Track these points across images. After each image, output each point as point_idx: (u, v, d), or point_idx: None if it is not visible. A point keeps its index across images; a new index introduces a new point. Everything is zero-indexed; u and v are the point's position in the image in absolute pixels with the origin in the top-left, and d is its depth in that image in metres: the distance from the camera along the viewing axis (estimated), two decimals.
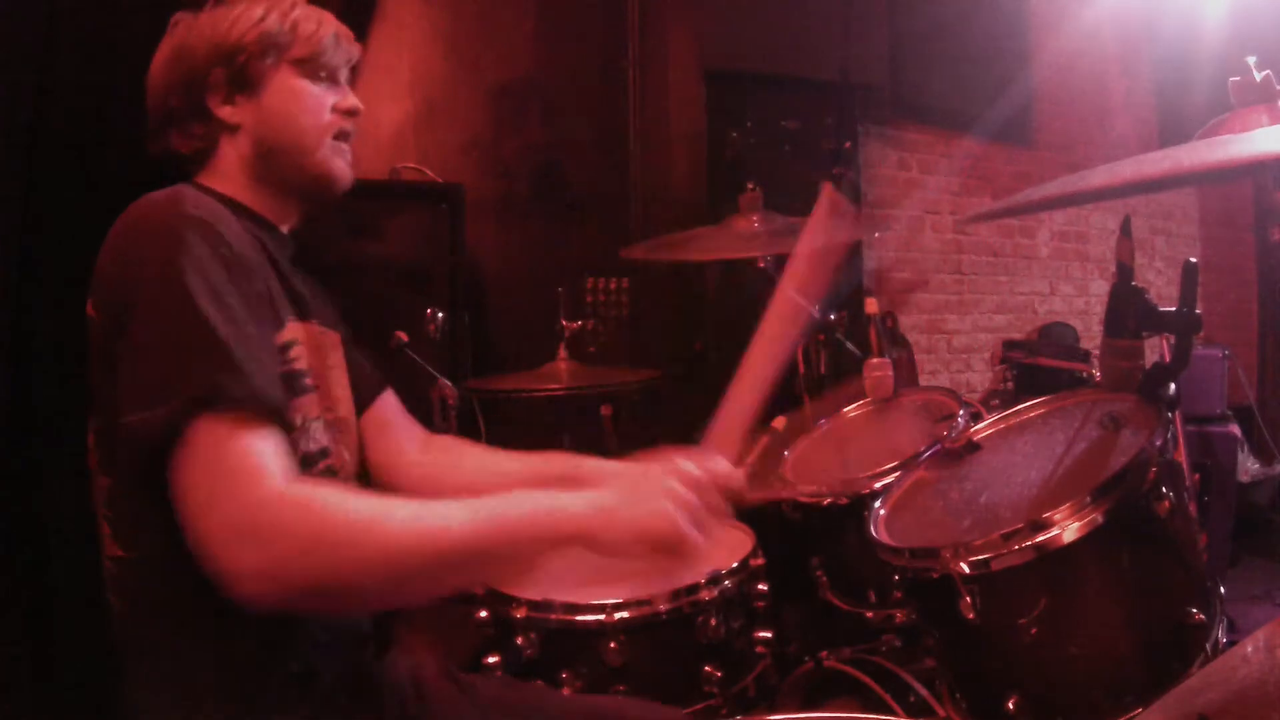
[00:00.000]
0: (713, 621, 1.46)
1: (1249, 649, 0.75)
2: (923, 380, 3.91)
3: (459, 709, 1.20)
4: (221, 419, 0.90)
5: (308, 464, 1.12)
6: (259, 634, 1.05)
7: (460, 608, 1.58)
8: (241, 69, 1.18)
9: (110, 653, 1.11)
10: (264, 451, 0.91)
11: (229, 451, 0.89)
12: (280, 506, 0.88)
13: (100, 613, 1.12)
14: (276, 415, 0.95)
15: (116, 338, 0.97)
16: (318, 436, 1.17)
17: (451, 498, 0.96)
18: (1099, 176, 1.07)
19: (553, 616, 1.45)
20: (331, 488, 0.96)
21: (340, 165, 1.24)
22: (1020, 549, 1.19)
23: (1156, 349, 1.83)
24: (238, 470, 0.88)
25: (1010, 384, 3.81)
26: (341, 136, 1.24)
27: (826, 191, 1.33)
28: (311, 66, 1.22)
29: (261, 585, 0.86)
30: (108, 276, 1.02)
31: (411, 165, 2.84)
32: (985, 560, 1.21)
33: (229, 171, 1.20)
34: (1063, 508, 1.19)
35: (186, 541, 0.90)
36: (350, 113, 1.24)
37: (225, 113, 1.19)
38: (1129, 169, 1.03)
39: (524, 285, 2.83)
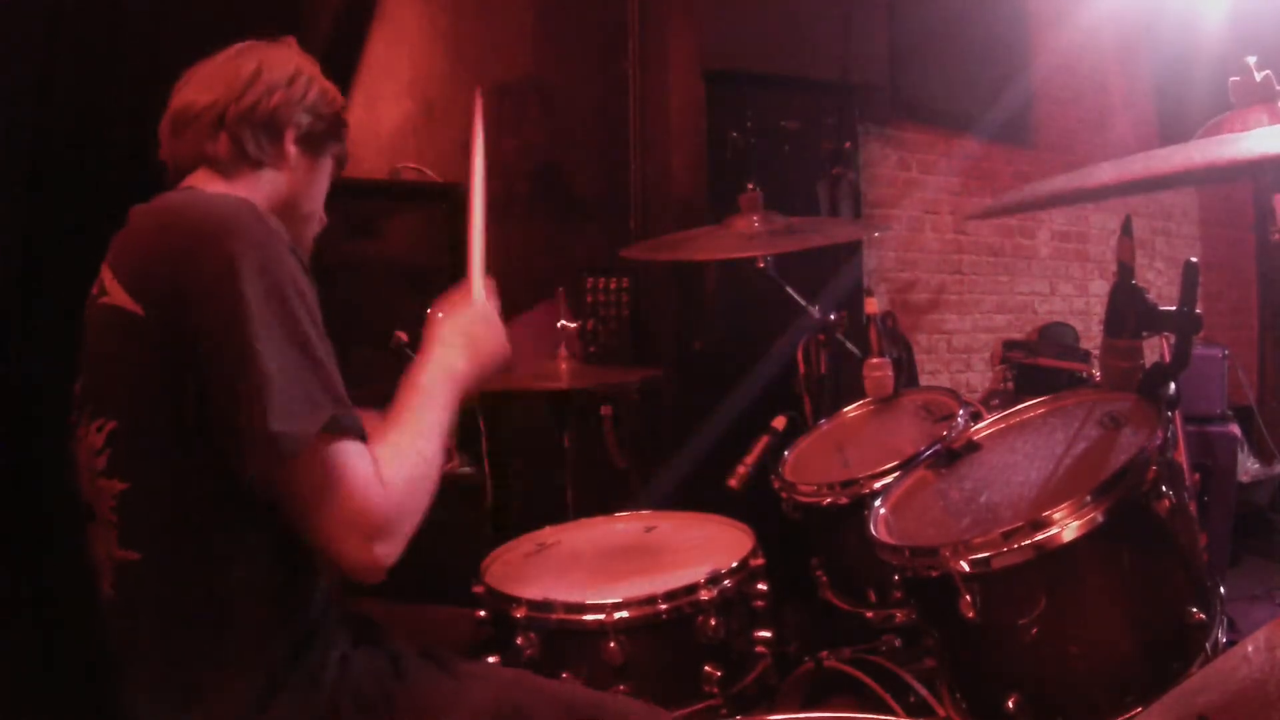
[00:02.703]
0: (713, 621, 1.46)
1: (1249, 649, 0.75)
2: (923, 380, 3.91)
3: (437, 685, 1.21)
4: (338, 441, 1.04)
5: None
6: (257, 628, 1.10)
7: (455, 608, 1.58)
8: (322, 134, 1.32)
9: (109, 652, 1.12)
10: (366, 465, 1.06)
11: (347, 469, 1.04)
12: (390, 505, 1.06)
13: (99, 612, 1.13)
14: (362, 431, 1.09)
15: (199, 341, 1.02)
16: None
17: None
18: (1100, 174, 1.07)
19: (553, 616, 1.45)
20: (388, 455, 1.10)
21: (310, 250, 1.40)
22: (1020, 547, 1.19)
23: (1156, 349, 1.83)
24: (357, 486, 1.04)
25: (1010, 384, 3.81)
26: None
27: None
28: (336, 169, 1.39)
29: (391, 562, 1.07)
30: (170, 274, 1.05)
31: (411, 165, 2.84)
32: (985, 559, 1.21)
33: (256, 197, 1.24)
34: (1063, 506, 1.19)
35: (201, 545, 1.07)
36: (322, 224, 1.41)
37: (290, 151, 1.29)
38: (1133, 166, 1.03)
39: (524, 285, 2.83)
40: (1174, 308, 1.39)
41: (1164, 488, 1.23)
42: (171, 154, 1.28)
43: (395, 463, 1.09)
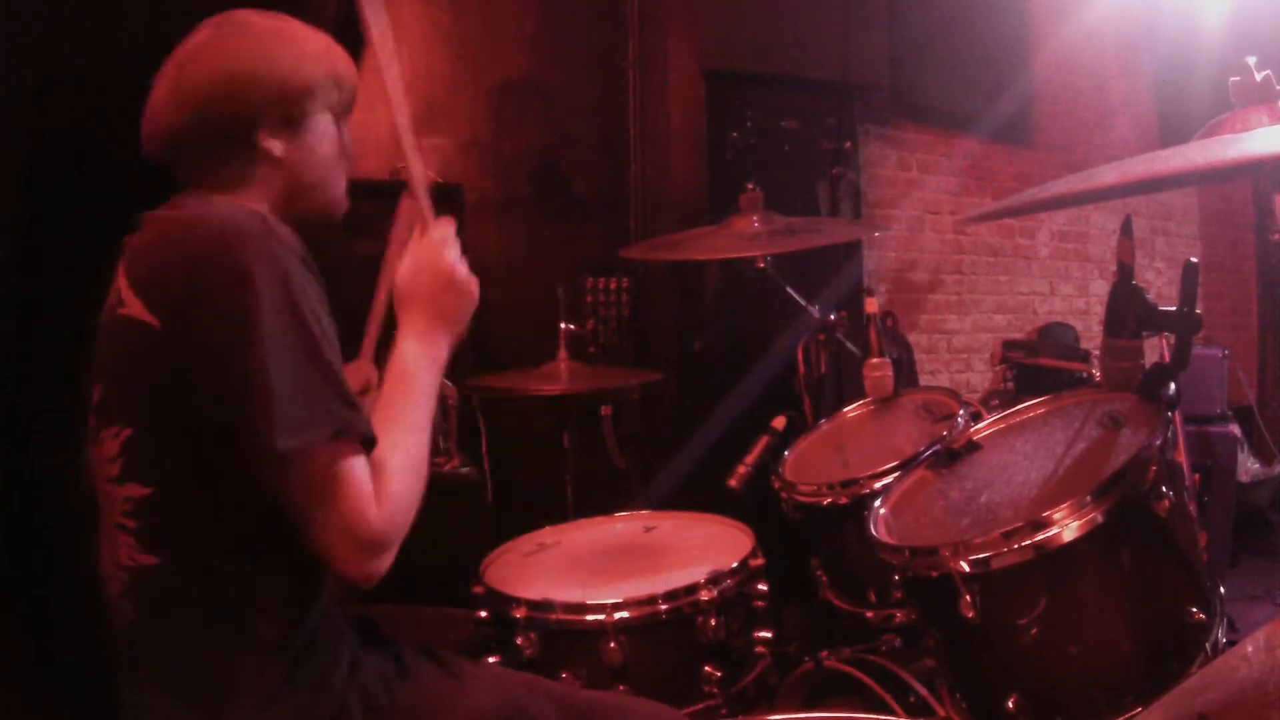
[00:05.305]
0: (713, 621, 1.46)
1: (1249, 649, 0.75)
2: (923, 380, 3.91)
3: (442, 686, 1.21)
4: (343, 454, 1.05)
5: None
6: (271, 631, 1.11)
7: (455, 609, 1.58)
8: (296, 109, 1.23)
9: (112, 655, 1.12)
10: (366, 480, 1.07)
11: (348, 485, 1.05)
12: (386, 520, 1.07)
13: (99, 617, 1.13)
14: (371, 442, 1.10)
15: (210, 353, 1.03)
16: None
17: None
18: (1101, 176, 1.07)
19: (553, 616, 1.46)
20: (385, 466, 1.11)
21: (345, 198, 1.36)
22: (1020, 548, 1.19)
23: (1156, 349, 1.83)
24: (356, 502, 1.05)
25: (1010, 384, 3.81)
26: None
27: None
28: (343, 112, 1.31)
29: (384, 569, 1.08)
30: (184, 287, 1.05)
31: None
32: (985, 559, 1.21)
33: (263, 197, 1.23)
34: (1063, 507, 1.19)
35: (219, 549, 1.08)
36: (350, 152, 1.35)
37: (272, 145, 1.22)
38: (1134, 167, 1.03)
39: (524, 285, 2.83)
40: (1174, 308, 1.39)
41: (1164, 488, 1.23)
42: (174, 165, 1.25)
43: (392, 473, 1.10)
